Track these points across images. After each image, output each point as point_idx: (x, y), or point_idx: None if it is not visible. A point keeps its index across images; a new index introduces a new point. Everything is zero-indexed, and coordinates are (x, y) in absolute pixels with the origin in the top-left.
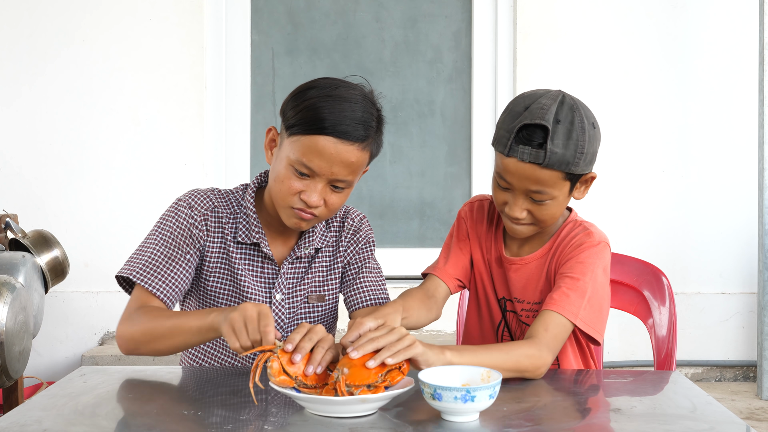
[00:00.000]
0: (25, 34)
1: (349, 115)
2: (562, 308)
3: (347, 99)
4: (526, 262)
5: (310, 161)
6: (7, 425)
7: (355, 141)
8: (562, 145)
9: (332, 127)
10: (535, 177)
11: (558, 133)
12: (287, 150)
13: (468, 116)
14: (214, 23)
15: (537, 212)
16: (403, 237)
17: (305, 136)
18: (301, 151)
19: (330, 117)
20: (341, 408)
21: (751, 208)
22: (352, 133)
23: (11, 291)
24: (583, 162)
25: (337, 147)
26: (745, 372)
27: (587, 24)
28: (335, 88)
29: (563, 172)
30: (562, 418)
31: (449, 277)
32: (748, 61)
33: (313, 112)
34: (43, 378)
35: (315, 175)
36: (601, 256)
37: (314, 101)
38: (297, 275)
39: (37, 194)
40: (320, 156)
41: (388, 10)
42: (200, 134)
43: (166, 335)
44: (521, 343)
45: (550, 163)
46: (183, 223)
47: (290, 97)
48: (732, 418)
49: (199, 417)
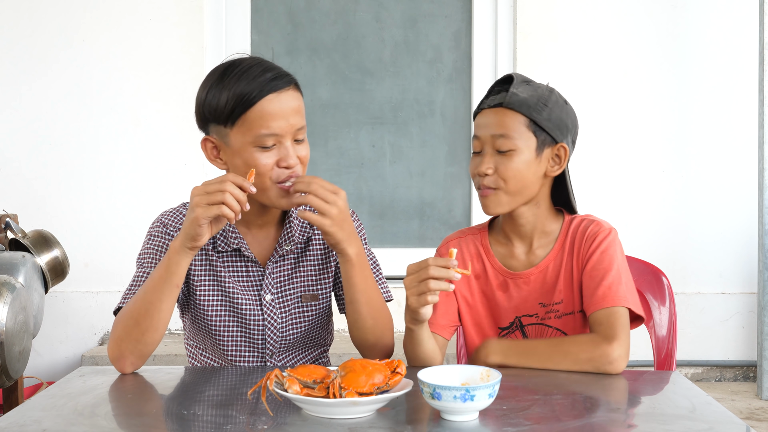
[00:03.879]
0: (25, 34)
1: (264, 69)
2: (612, 300)
3: (250, 63)
4: (541, 269)
5: (269, 128)
6: (7, 425)
7: (286, 85)
8: (525, 92)
9: (264, 86)
10: (498, 119)
11: (522, 84)
12: (238, 138)
13: (468, 116)
14: (214, 23)
15: (501, 167)
16: (403, 237)
17: (248, 111)
18: (255, 124)
19: (255, 81)
20: (333, 410)
21: (751, 208)
22: (280, 82)
23: (11, 291)
24: (546, 114)
25: (280, 98)
26: (745, 372)
27: (587, 24)
28: (231, 64)
29: (526, 117)
30: (561, 417)
31: (443, 329)
32: (748, 61)
33: (238, 88)
34: (43, 378)
35: (279, 138)
36: (617, 240)
37: (231, 81)
38: (284, 273)
39: (37, 194)
40: (274, 117)
41: (388, 10)
42: (200, 134)
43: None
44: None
45: (512, 102)
46: (159, 244)
47: (204, 98)
48: (732, 418)
49: (199, 417)
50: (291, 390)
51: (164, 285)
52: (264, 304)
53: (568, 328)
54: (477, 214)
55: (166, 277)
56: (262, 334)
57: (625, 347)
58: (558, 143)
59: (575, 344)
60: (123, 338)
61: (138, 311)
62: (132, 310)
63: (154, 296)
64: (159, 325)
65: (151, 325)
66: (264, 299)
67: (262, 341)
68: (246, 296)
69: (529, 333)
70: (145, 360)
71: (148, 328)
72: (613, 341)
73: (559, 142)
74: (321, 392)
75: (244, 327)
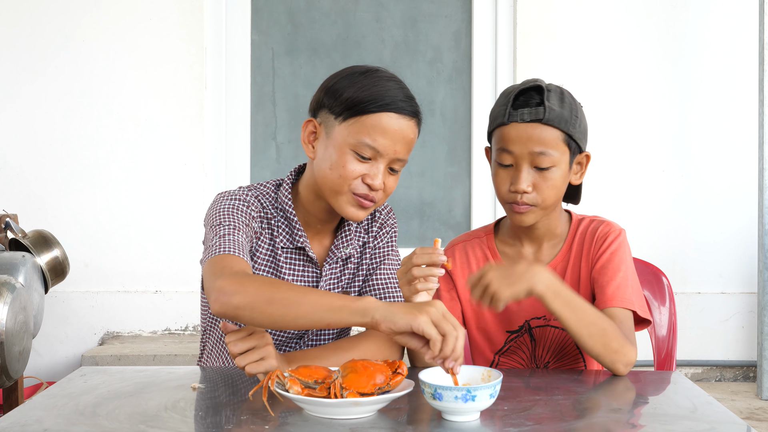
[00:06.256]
0: (25, 33)
1: (403, 92)
2: (620, 302)
3: (392, 78)
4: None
5: (374, 140)
6: (8, 425)
7: (412, 116)
8: (558, 104)
9: (394, 103)
10: (537, 136)
11: (552, 95)
12: (343, 135)
13: (468, 116)
14: (214, 23)
15: (541, 185)
16: (403, 237)
17: (366, 116)
18: (365, 131)
19: (389, 94)
20: (334, 410)
21: (751, 208)
22: (409, 109)
23: (11, 291)
24: (578, 126)
25: (400, 122)
26: (745, 372)
27: (587, 24)
28: (376, 70)
29: (563, 131)
30: (562, 417)
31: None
32: (748, 61)
33: (370, 91)
34: (43, 378)
35: (377, 156)
36: (626, 242)
37: (367, 82)
38: (336, 276)
39: (37, 194)
40: (384, 133)
41: (388, 10)
42: (200, 134)
43: (290, 302)
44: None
45: (550, 118)
46: (243, 211)
47: (332, 84)
48: (732, 418)
49: (200, 417)
50: (292, 390)
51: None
52: None
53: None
54: (477, 214)
55: (327, 313)
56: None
57: (636, 352)
58: (583, 152)
59: (613, 329)
60: (256, 309)
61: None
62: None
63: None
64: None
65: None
66: None
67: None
68: None
69: (536, 334)
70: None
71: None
72: (634, 345)
73: (584, 151)
74: (322, 392)
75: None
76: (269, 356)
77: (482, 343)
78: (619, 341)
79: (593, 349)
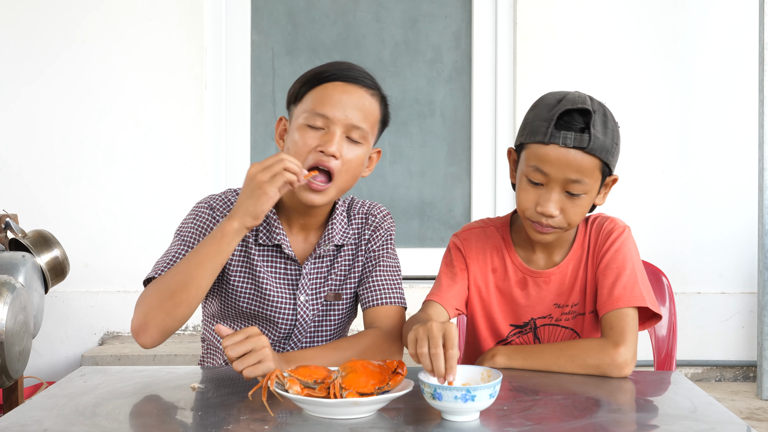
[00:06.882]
0: (24, 34)
1: (352, 67)
2: (626, 301)
3: (346, 61)
4: (562, 268)
5: (323, 108)
6: (8, 425)
7: (362, 86)
8: (602, 132)
9: (339, 72)
10: (577, 164)
11: (597, 120)
12: (297, 114)
13: (468, 116)
14: (214, 23)
15: (569, 210)
16: (403, 237)
17: (313, 89)
18: (314, 103)
19: (335, 67)
20: (334, 410)
21: (751, 208)
22: (357, 77)
23: (11, 291)
24: (617, 154)
25: (348, 89)
26: (745, 372)
27: (587, 24)
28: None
29: (602, 161)
30: (562, 417)
31: (448, 302)
32: (748, 61)
33: (318, 70)
34: (43, 378)
35: (329, 124)
36: (631, 238)
37: (313, 68)
38: (320, 274)
39: (37, 194)
40: (331, 99)
41: (388, 10)
42: (200, 134)
43: (180, 284)
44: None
45: (594, 147)
46: (203, 224)
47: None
48: (732, 418)
49: (199, 417)
50: (292, 390)
51: (211, 262)
52: (298, 304)
53: (579, 328)
54: (477, 215)
55: (215, 254)
56: (287, 332)
57: (632, 351)
58: (612, 175)
59: (582, 349)
60: (153, 308)
61: (176, 284)
62: (169, 281)
63: (197, 271)
64: (193, 301)
65: (185, 300)
66: (299, 299)
67: (286, 338)
68: (280, 294)
69: (541, 333)
70: (167, 337)
71: (182, 302)
72: (620, 346)
73: (613, 174)
74: (322, 392)
75: (272, 323)
76: (267, 359)
77: (485, 331)
78: (595, 354)
79: (577, 372)
